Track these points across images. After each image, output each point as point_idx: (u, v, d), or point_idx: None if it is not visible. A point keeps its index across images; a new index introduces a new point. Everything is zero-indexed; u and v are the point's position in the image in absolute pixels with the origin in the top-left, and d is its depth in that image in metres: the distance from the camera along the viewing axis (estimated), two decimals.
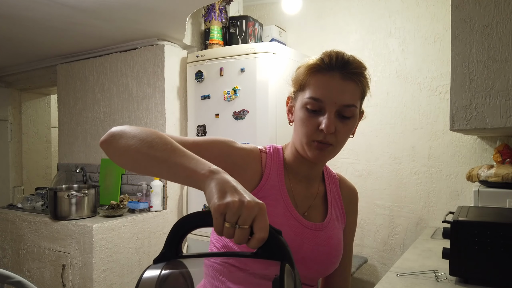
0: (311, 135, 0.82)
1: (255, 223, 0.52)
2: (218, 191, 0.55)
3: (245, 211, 0.52)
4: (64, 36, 2.49)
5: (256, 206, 0.53)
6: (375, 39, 2.53)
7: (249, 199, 0.53)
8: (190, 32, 2.68)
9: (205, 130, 2.51)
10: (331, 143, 0.82)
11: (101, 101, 2.87)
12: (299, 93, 0.85)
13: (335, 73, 0.81)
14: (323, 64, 0.81)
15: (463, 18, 1.50)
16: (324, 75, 0.81)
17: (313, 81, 0.82)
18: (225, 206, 0.52)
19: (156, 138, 0.66)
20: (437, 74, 2.33)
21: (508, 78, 1.43)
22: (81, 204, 2.27)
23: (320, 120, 0.81)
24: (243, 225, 0.52)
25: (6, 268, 2.10)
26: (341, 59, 0.81)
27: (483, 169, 1.83)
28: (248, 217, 0.52)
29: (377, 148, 2.51)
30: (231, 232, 0.52)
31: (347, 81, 0.81)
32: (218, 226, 0.53)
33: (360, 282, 2.56)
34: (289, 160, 0.92)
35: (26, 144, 3.67)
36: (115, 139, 0.69)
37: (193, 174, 0.60)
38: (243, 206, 0.52)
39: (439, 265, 1.44)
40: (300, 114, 0.84)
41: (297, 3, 2.64)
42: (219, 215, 0.52)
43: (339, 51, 0.83)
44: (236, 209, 0.52)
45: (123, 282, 2.24)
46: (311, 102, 0.81)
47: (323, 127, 0.79)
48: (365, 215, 2.55)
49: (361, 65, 0.83)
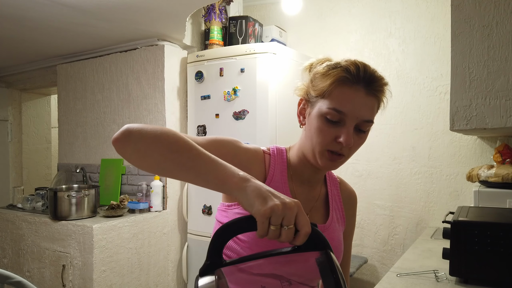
0: (327, 145, 0.82)
1: (298, 220, 0.56)
2: (257, 197, 0.57)
3: (288, 212, 0.55)
4: (64, 36, 2.49)
5: (296, 206, 0.56)
6: (375, 39, 2.53)
7: (289, 201, 0.56)
8: (190, 32, 2.68)
9: (205, 130, 2.51)
10: (345, 155, 0.83)
11: (101, 101, 2.87)
12: (319, 100, 0.83)
13: (360, 88, 0.80)
14: (350, 75, 0.80)
15: (463, 18, 1.50)
16: (350, 88, 0.80)
17: (337, 92, 0.81)
18: (270, 211, 0.55)
19: (179, 141, 0.66)
20: (437, 74, 2.33)
21: (508, 78, 1.43)
22: (81, 204, 2.27)
23: (338, 132, 0.80)
24: (289, 225, 0.55)
25: (6, 269, 2.10)
26: (368, 74, 0.81)
27: (483, 169, 1.83)
28: (291, 217, 0.56)
29: (377, 148, 2.51)
30: (277, 233, 0.56)
31: (370, 96, 0.82)
32: (263, 230, 0.56)
33: (360, 282, 2.56)
34: (293, 163, 0.91)
35: (26, 144, 3.67)
36: (133, 139, 0.66)
37: (224, 182, 0.62)
38: (286, 207, 0.55)
39: (439, 265, 1.44)
40: (317, 123, 0.82)
41: (297, 3, 2.64)
42: (265, 219, 0.55)
43: (365, 64, 0.82)
44: (280, 212, 0.55)
45: (123, 282, 2.24)
46: (332, 113, 0.80)
47: (342, 140, 0.79)
48: (365, 215, 2.55)
49: (385, 81, 0.84)
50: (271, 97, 2.25)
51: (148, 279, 2.40)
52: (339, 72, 0.81)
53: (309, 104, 0.86)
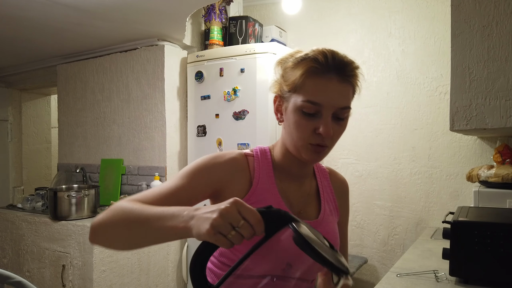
0: (308, 138, 0.81)
1: (244, 215, 0.57)
2: (199, 225, 0.58)
3: (229, 215, 0.56)
4: (64, 36, 2.49)
5: (232, 205, 0.57)
6: (375, 39, 2.53)
7: (224, 206, 0.57)
8: (190, 33, 2.68)
9: (205, 130, 2.51)
10: (328, 145, 0.82)
11: (101, 101, 2.87)
12: (293, 94, 0.82)
13: (332, 76, 0.79)
14: (319, 65, 0.79)
15: (463, 18, 1.50)
16: (321, 78, 0.79)
17: (309, 84, 0.79)
18: (212, 227, 0.56)
19: (129, 216, 0.69)
20: (437, 75, 2.33)
21: (508, 78, 1.43)
22: (81, 205, 2.27)
23: (317, 123, 0.79)
24: (237, 224, 0.56)
25: (6, 269, 2.10)
26: (337, 60, 0.80)
27: (483, 170, 1.83)
28: (235, 216, 0.56)
29: (377, 149, 2.51)
30: (238, 237, 0.56)
31: (343, 83, 0.80)
32: (223, 243, 0.57)
33: (360, 282, 2.56)
34: (279, 161, 0.90)
35: (26, 144, 3.66)
36: (98, 235, 0.73)
37: (177, 232, 0.64)
38: (223, 214, 0.56)
39: (439, 266, 1.44)
40: (294, 117, 0.81)
41: (297, 3, 2.64)
42: (215, 236, 0.56)
43: (333, 51, 0.81)
44: (221, 221, 0.56)
45: (123, 282, 2.24)
46: (308, 106, 0.79)
47: (322, 132, 0.78)
48: (365, 215, 2.55)
49: (356, 65, 0.83)
50: (271, 97, 2.24)
51: (148, 279, 2.40)
52: (308, 63, 0.80)
53: (284, 99, 0.85)
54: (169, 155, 2.60)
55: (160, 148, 2.60)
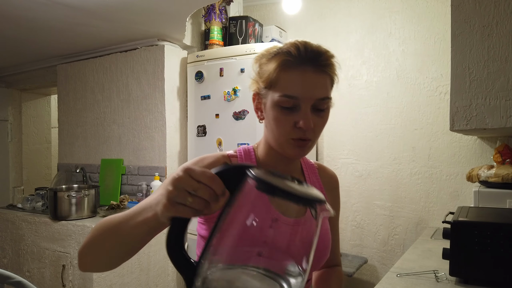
0: (288, 133, 0.79)
1: (197, 178, 0.53)
2: (159, 204, 0.56)
3: (182, 182, 0.53)
4: (64, 36, 2.49)
5: (183, 172, 0.54)
6: (375, 39, 2.53)
7: (175, 174, 0.54)
8: (190, 33, 2.68)
9: (205, 130, 2.51)
10: (310, 139, 0.80)
11: (101, 101, 2.87)
12: (269, 90, 0.81)
13: (307, 67, 0.77)
14: (292, 57, 0.77)
15: (463, 18, 1.50)
16: (296, 70, 0.77)
17: (284, 78, 0.78)
18: (169, 199, 0.53)
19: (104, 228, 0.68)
20: (437, 75, 2.33)
21: (508, 78, 1.43)
22: (81, 205, 2.27)
23: (296, 117, 0.78)
24: (194, 190, 0.53)
25: (6, 269, 2.10)
26: (311, 51, 0.78)
27: (483, 170, 1.83)
28: (188, 182, 0.53)
29: (377, 149, 2.51)
30: (198, 200, 0.53)
31: (319, 73, 0.78)
32: (185, 212, 0.53)
33: (360, 282, 2.56)
34: (263, 159, 0.89)
35: (26, 144, 3.66)
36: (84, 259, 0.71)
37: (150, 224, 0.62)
38: (176, 183, 0.53)
39: (439, 266, 1.44)
40: (273, 113, 0.80)
41: (297, 3, 2.64)
42: (174, 207, 0.53)
43: (306, 42, 0.79)
44: (177, 190, 0.53)
45: (123, 282, 2.24)
46: (285, 100, 0.77)
47: (302, 125, 0.77)
48: (365, 216, 2.55)
49: (330, 54, 0.80)
50: None
51: (148, 279, 2.40)
52: (281, 57, 0.79)
53: (262, 97, 0.84)
54: (169, 155, 2.60)
55: (160, 148, 2.60)
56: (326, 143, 2.67)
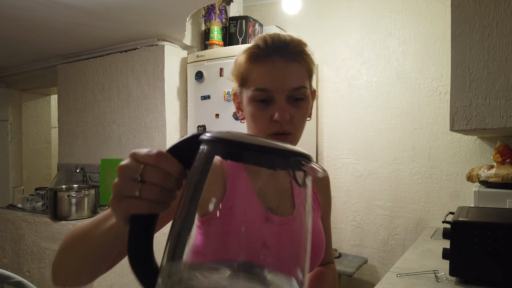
0: (267, 128, 0.76)
1: (143, 161, 0.44)
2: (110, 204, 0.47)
3: (126, 170, 0.44)
4: (64, 36, 2.49)
5: (129, 158, 0.45)
6: (375, 39, 2.53)
7: (122, 164, 0.45)
8: (190, 33, 2.68)
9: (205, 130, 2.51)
10: (290, 132, 0.77)
11: (101, 101, 2.87)
12: (243, 87, 0.79)
13: (275, 57, 0.75)
14: (260, 50, 0.76)
15: (463, 18, 1.50)
16: (264, 62, 0.76)
17: (254, 71, 0.76)
18: (115, 194, 0.44)
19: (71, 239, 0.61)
20: (437, 75, 2.33)
21: (508, 78, 1.43)
22: (81, 205, 2.27)
23: (271, 110, 0.75)
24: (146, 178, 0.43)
25: (6, 269, 2.10)
26: (277, 41, 0.76)
27: (483, 170, 1.83)
28: (134, 167, 0.44)
29: (377, 149, 2.51)
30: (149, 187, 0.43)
31: (289, 62, 0.76)
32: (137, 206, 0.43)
33: (360, 282, 2.56)
34: None
35: (26, 144, 3.66)
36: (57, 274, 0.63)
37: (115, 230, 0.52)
38: (121, 173, 0.44)
39: (439, 266, 1.44)
40: (249, 109, 0.78)
41: (297, 3, 2.64)
42: (123, 203, 0.44)
43: (274, 34, 0.78)
44: (122, 181, 0.44)
45: (123, 282, 2.24)
46: (257, 94, 0.76)
47: (277, 117, 0.74)
48: (365, 216, 2.55)
49: (301, 42, 0.78)
50: None
51: None
52: (249, 51, 0.78)
53: (238, 96, 0.83)
54: None
55: (160, 148, 2.60)
56: (326, 143, 2.67)
